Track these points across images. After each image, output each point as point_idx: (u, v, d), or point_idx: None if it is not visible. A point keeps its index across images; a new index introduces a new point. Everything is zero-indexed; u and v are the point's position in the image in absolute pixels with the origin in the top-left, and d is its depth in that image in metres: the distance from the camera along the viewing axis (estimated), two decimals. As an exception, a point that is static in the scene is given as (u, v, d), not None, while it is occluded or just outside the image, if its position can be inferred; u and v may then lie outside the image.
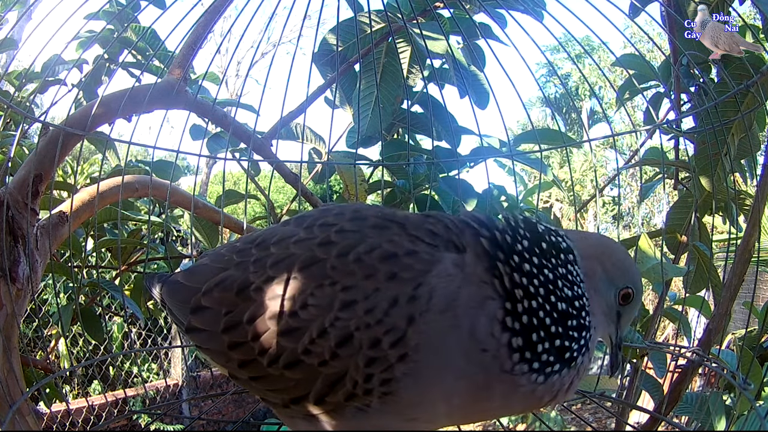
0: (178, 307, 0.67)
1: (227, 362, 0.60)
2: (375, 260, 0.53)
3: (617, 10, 0.99)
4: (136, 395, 3.30)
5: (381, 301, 0.51)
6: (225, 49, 6.77)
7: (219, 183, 7.09)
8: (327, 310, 0.53)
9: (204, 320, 0.61)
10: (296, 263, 0.56)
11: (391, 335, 0.51)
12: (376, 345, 0.51)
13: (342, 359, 0.52)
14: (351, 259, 0.54)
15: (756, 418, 1.15)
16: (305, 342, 0.53)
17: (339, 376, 0.53)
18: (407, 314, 0.51)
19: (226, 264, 0.63)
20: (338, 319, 0.52)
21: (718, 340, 1.38)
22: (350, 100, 1.54)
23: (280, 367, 0.55)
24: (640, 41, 7.12)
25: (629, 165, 2.24)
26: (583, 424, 4.24)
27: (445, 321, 0.51)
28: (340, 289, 0.53)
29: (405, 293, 0.51)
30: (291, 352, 0.54)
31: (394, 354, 0.51)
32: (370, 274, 0.53)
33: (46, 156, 1.03)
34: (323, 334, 0.52)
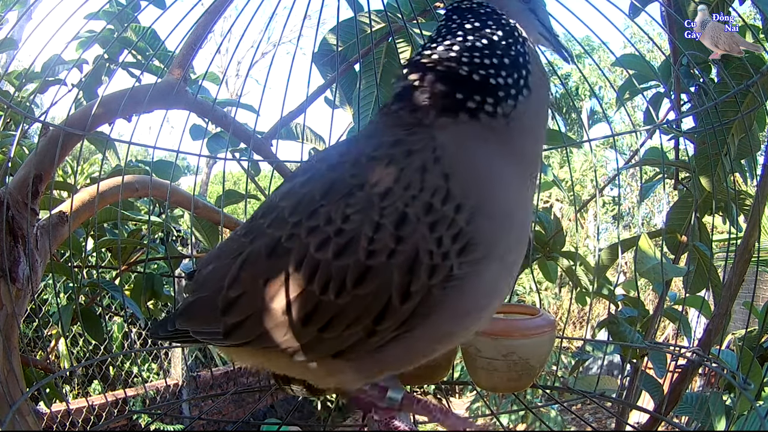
0: (203, 323, 0.64)
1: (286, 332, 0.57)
2: (386, 149, 0.56)
3: (617, 10, 0.99)
4: (136, 395, 3.30)
5: (413, 174, 0.54)
6: (225, 49, 6.77)
7: (219, 183, 7.09)
8: (369, 208, 0.53)
9: (243, 309, 0.59)
10: (316, 195, 0.56)
11: (437, 195, 0.53)
12: (429, 210, 0.53)
13: (407, 239, 0.52)
14: (364, 161, 0.56)
15: (756, 418, 1.15)
16: (364, 246, 0.53)
17: (412, 257, 0.52)
18: (441, 173, 0.54)
19: (236, 251, 0.61)
20: (384, 208, 0.53)
21: (718, 340, 1.38)
22: (350, 100, 1.54)
23: (350, 289, 0.53)
24: (640, 41, 7.11)
25: (629, 165, 2.24)
26: (583, 424, 4.24)
27: (468, 157, 0.56)
28: (369, 187, 0.54)
29: (427, 157, 0.54)
30: (355, 265, 0.53)
31: (449, 209, 0.53)
32: (389, 161, 0.55)
33: (46, 156, 1.03)
34: (378, 228, 0.53)
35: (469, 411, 4.86)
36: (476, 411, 4.72)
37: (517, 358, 0.92)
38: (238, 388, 1.31)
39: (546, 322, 0.95)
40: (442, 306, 0.54)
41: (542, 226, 1.61)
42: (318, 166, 0.62)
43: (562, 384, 1.20)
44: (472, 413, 4.65)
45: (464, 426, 0.64)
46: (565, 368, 3.81)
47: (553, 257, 1.62)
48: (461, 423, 0.64)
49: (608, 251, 1.50)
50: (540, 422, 3.27)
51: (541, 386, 1.19)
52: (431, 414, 0.63)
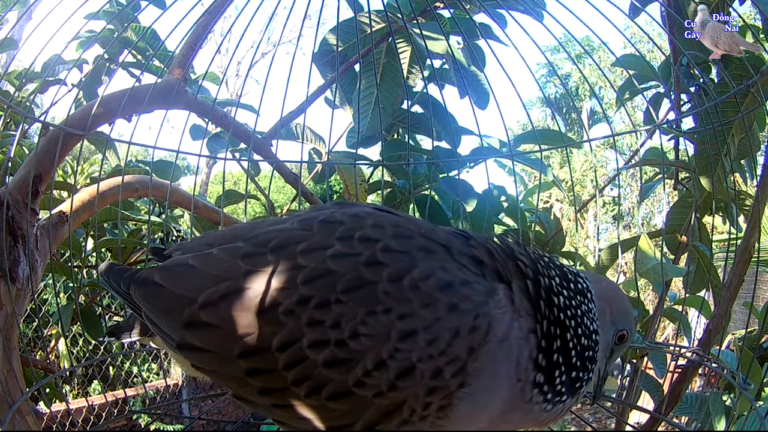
0: (159, 315, 0.59)
1: (241, 387, 0.54)
2: (432, 289, 0.51)
3: (617, 10, 0.99)
4: (136, 395, 3.30)
5: (443, 332, 0.50)
6: (225, 49, 6.77)
7: (219, 183, 7.09)
8: (383, 340, 0.49)
9: (205, 339, 0.55)
10: (339, 284, 0.51)
11: (453, 365, 0.50)
12: (437, 375, 0.50)
13: (401, 390, 0.50)
14: (406, 285, 0.51)
15: (756, 418, 1.15)
16: (358, 374, 0.50)
17: (396, 406, 0.51)
18: (468, 344, 0.50)
19: (228, 272, 0.55)
20: (398, 350, 0.49)
21: (718, 340, 1.38)
22: (350, 100, 1.54)
23: (323, 398, 0.51)
24: (640, 41, 7.11)
25: (629, 165, 2.24)
26: (583, 424, 4.24)
27: (502, 351, 0.52)
28: (396, 317, 0.50)
29: (466, 324, 0.50)
30: (339, 383, 0.50)
31: (454, 382, 0.50)
32: (429, 303, 0.50)
33: (46, 156, 1.03)
34: (380, 366, 0.49)
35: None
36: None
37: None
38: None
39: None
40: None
41: (542, 226, 1.61)
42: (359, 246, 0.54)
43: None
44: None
45: None
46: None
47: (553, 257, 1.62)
48: None
49: (608, 251, 1.50)
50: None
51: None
52: None
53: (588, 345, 0.58)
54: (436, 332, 0.50)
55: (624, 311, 0.64)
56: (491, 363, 0.52)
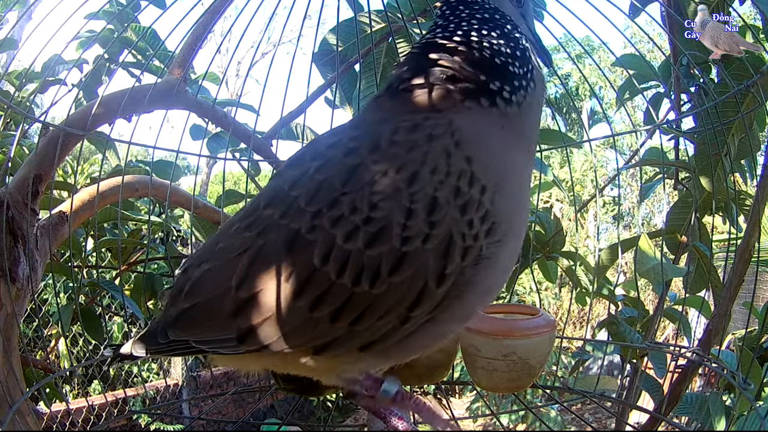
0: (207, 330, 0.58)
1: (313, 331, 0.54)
2: (405, 136, 0.55)
3: (617, 10, 0.99)
4: (136, 395, 3.30)
5: (438, 159, 0.54)
6: (225, 49, 6.77)
7: (219, 183, 7.09)
8: (398, 194, 0.53)
9: (259, 310, 0.55)
10: (335, 183, 0.54)
11: (464, 178, 0.54)
12: (458, 193, 0.53)
13: (441, 224, 0.53)
14: (384, 147, 0.55)
15: (756, 418, 1.15)
16: (398, 233, 0.52)
17: (447, 241, 0.53)
18: (463, 156, 0.55)
19: (241, 246, 0.57)
20: (414, 193, 0.53)
21: (718, 340, 1.38)
22: (350, 100, 1.54)
23: (385, 277, 0.52)
24: (640, 41, 7.11)
25: (629, 165, 2.24)
26: (583, 424, 4.24)
27: (485, 141, 0.57)
28: (394, 172, 0.53)
29: (449, 143, 0.55)
30: (389, 252, 0.52)
31: (476, 191, 0.54)
32: (411, 146, 0.55)
33: (46, 156, 1.03)
34: (410, 214, 0.52)
35: (469, 411, 4.86)
36: (476, 411, 4.72)
37: (517, 358, 0.92)
38: (238, 388, 1.31)
39: (546, 322, 0.95)
40: (472, 285, 0.55)
41: (542, 226, 1.61)
42: (329, 153, 0.58)
43: (562, 384, 1.20)
44: (472, 413, 4.65)
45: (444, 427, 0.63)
46: (565, 368, 3.81)
47: (553, 257, 1.62)
48: (442, 423, 0.63)
49: (608, 251, 1.50)
50: (540, 422, 3.27)
51: (541, 386, 1.19)
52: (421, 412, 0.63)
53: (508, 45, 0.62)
54: (432, 162, 0.54)
55: None
56: (486, 155, 0.56)
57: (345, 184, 0.54)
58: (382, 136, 0.56)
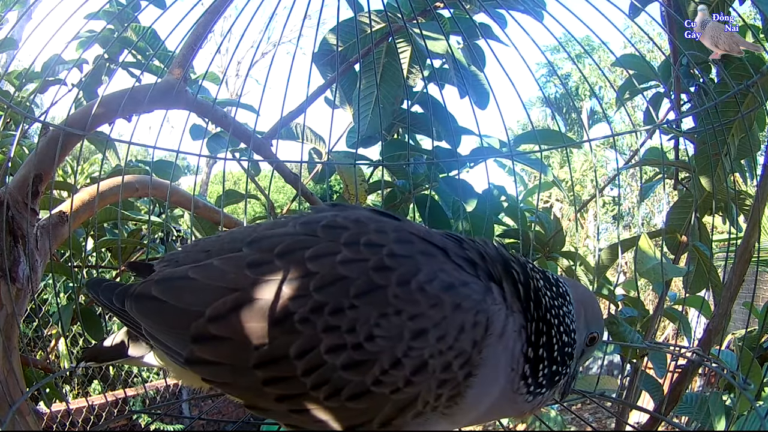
0: (163, 331, 0.58)
1: (257, 396, 0.56)
2: (437, 290, 0.55)
3: (617, 10, 0.99)
4: (136, 395, 3.30)
5: (450, 329, 0.54)
6: (225, 49, 6.77)
7: (219, 183, 7.09)
8: (397, 340, 0.53)
9: (217, 352, 0.55)
10: (351, 289, 0.54)
11: (461, 358, 0.55)
12: (447, 368, 0.54)
13: (416, 385, 0.54)
14: (414, 288, 0.54)
15: (756, 418, 1.15)
16: (376, 374, 0.53)
17: (411, 400, 0.54)
18: (472, 338, 0.55)
19: (235, 283, 0.56)
20: (411, 348, 0.53)
21: (718, 340, 1.38)
22: (350, 100, 1.54)
23: (342, 399, 0.53)
24: (640, 41, 7.11)
25: (629, 165, 2.24)
26: (583, 424, 4.24)
27: (501, 343, 0.57)
28: (407, 318, 0.53)
29: (469, 320, 0.55)
30: (358, 384, 0.53)
31: (462, 373, 0.55)
32: (435, 303, 0.54)
33: (46, 156, 1.03)
34: (397, 364, 0.53)
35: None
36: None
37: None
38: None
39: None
40: None
41: (542, 226, 1.62)
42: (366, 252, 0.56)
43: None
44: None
45: None
46: (565, 368, 3.80)
47: (553, 257, 1.62)
48: None
49: (608, 251, 1.50)
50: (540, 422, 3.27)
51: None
52: None
53: (567, 342, 0.63)
54: (444, 329, 0.54)
55: (596, 316, 0.70)
56: (493, 354, 0.57)
57: (358, 297, 0.53)
58: (418, 275, 0.55)
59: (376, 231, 0.59)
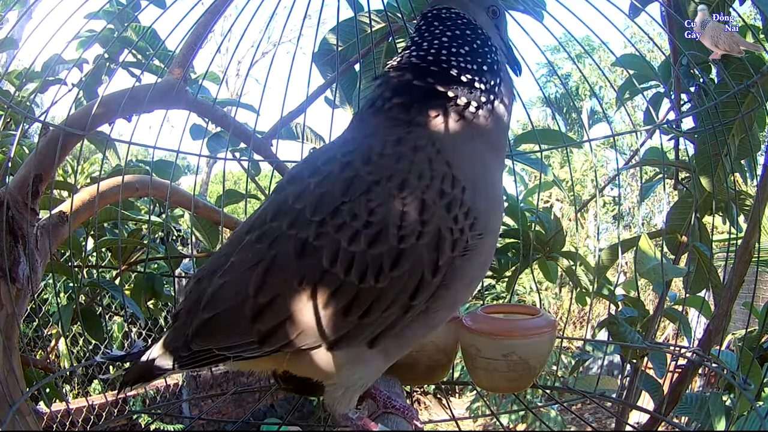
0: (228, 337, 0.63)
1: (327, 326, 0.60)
2: (392, 149, 0.63)
3: (617, 10, 0.99)
4: (137, 395, 3.30)
5: (422, 166, 0.62)
6: (225, 49, 6.77)
7: (219, 182, 7.09)
8: (391, 199, 0.60)
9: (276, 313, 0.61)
10: (336, 194, 0.61)
11: (446, 181, 0.62)
12: (442, 195, 0.61)
13: (430, 221, 0.60)
14: (375, 159, 0.63)
15: (756, 418, 1.15)
16: (395, 233, 0.59)
17: (437, 237, 0.60)
18: (444, 161, 0.63)
19: (254, 258, 0.62)
20: (405, 197, 0.60)
21: (718, 340, 1.38)
22: (350, 100, 1.54)
23: (387, 272, 0.59)
24: (640, 41, 7.10)
25: (629, 165, 2.24)
26: (583, 424, 4.24)
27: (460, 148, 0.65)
28: (386, 181, 0.61)
29: (431, 151, 0.63)
30: (389, 251, 0.59)
31: (458, 191, 0.62)
32: (398, 157, 0.62)
33: (46, 156, 1.03)
34: (403, 215, 0.60)
35: (469, 411, 4.86)
36: (476, 411, 4.72)
37: (517, 358, 0.92)
38: (238, 388, 1.32)
39: (546, 322, 0.95)
40: (461, 274, 0.63)
41: (542, 226, 1.61)
42: (327, 167, 0.64)
43: (562, 384, 1.20)
44: (472, 413, 4.65)
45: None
46: (565, 368, 3.81)
47: (553, 257, 1.62)
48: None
49: (608, 251, 1.50)
50: (540, 422, 3.27)
51: (541, 386, 1.19)
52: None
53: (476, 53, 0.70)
54: (418, 170, 0.62)
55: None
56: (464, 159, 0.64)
57: (344, 195, 0.61)
58: (372, 150, 0.63)
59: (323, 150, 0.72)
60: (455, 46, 0.70)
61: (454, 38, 0.71)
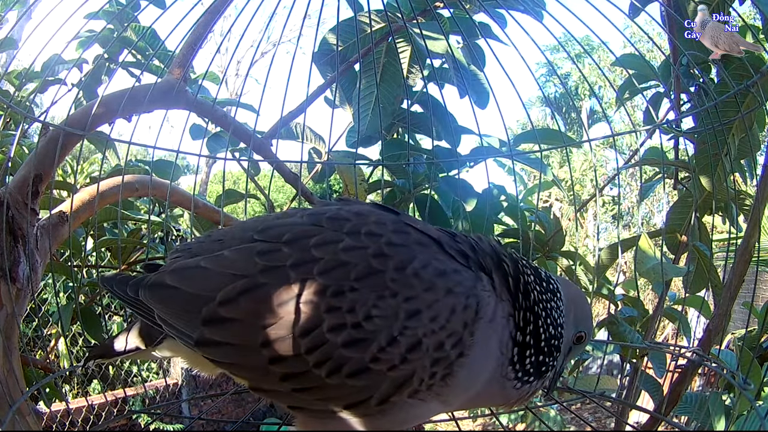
0: (174, 316, 0.62)
1: (262, 376, 0.59)
2: (431, 275, 0.59)
3: (617, 10, 0.99)
4: (136, 395, 3.30)
5: (443, 310, 0.58)
6: (225, 49, 6.77)
7: (219, 182, 7.09)
8: (393, 320, 0.57)
9: (226, 333, 0.59)
10: (352, 273, 0.58)
11: (452, 338, 0.58)
12: (440, 347, 0.58)
13: (411, 362, 0.57)
14: (409, 273, 0.59)
15: (756, 418, 1.15)
16: (373, 351, 0.56)
17: (406, 378, 0.58)
18: (463, 320, 0.59)
19: (245, 269, 0.60)
20: (406, 327, 0.57)
21: (717, 340, 1.38)
22: (350, 100, 1.54)
23: (343, 376, 0.57)
24: (640, 41, 7.11)
25: (629, 165, 2.24)
26: (583, 424, 4.25)
27: (490, 327, 0.61)
28: (402, 300, 0.57)
29: (460, 303, 0.59)
30: (357, 361, 0.56)
31: (454, 353, 0.58)
32: (429, 287, 0.58)
33: (46, 156, 1.03)
34: (393, 342, 0.57)
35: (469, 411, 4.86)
36: (476, 411, 4.71)
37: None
38: (238, 388, 1.31)
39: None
40: (401, 413, 0.60)
41: (542, 225, 1.62)
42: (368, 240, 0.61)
43: (561, 384, 1.20)
44: (472, 413, 4.64)
45: None
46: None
47: (552, 257, 1.62)
48: None
49: (608, 251, 1.50)
50: (539, 422, 3.27)
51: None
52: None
53: (554, 334, 0.67)
54: (436, 311, 0.58)
55: (585, 315, 0.72)
56: (483, 337, 0.60)
57: (358, 281, 0.58)
58: (413, 262, 0.59)
59: (376, 222, 0.63)
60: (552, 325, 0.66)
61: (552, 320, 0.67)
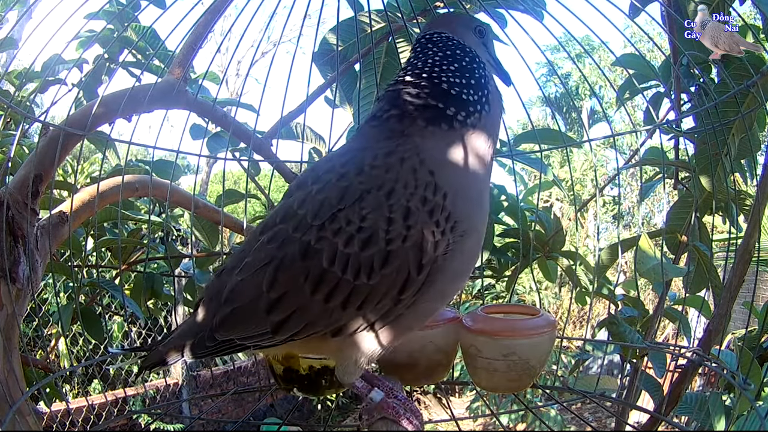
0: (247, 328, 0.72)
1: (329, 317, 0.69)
2: (382, 160, 0.71)
3: (617, 10, 0.99)
4: (136, 395, 3.30)
5: (407, 176, 0.69)
6: (225, 49, 6.77)
7: (219, 182, 7.09)
8: (380, 206, 0.68)
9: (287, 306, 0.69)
10: (333, 201, 0.69)
11: (429, 189, 0.69)
12: (425, 201, 0.68)
13: (414, 226, 0.68)
14: (367, 170, 0.70)
15: (756, 418, 1.15)
16: (383, 237, 0.67)
17: (421, 239, 0.68)
18: (427, 170, 0.70)
19: (266, 258, 0.71)
20: (392, 205, 0.68)
21: (718, 340, 1.38)
22: (350, 100, 1.54)
23: (377, 271, 0.67)
24: (640, 41, 7.11)
25: (629, 165, 2.24)
26: (583, 424, 4.25)
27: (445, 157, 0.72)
28: (376, 190, 0.69)
29: (416, 162, 0.70)
30: (378, 252, 0.67)
31: (439, 198, 0.69)
32: (387, 168, 0.70)
33: (46, 156, 1.03)
34: (390, 221, 0.68)
35: (469, 411, 4.86)
36: (476, 411, 4.72)
37: (517, 358, 0.92)
38: (238, 388, 1.31)
39: (546, 322, 0.95)
40: (444, 271, 0.70)
41: (542, 225, 1.61)
42: (326, 176, 0.73)
43: (562, 384, 1.20)
44: (472, 413, 4.65)
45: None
46: (565, 368, 3.81)
47: (553, 257, 1.62)
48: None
49: (608, 251, 1.50)
50: (540, 422, 3.27)
51: (541, 386, 1.19)
52: (398, 417, 0.76)
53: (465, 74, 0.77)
54: (404, 179, 0.69)
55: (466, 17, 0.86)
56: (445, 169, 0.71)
57: (340, 202, 0.69)
58: (365, 162, 0.71)
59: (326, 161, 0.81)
60: (445, 63, 0.78)
61: (445, 57, 0.79)
